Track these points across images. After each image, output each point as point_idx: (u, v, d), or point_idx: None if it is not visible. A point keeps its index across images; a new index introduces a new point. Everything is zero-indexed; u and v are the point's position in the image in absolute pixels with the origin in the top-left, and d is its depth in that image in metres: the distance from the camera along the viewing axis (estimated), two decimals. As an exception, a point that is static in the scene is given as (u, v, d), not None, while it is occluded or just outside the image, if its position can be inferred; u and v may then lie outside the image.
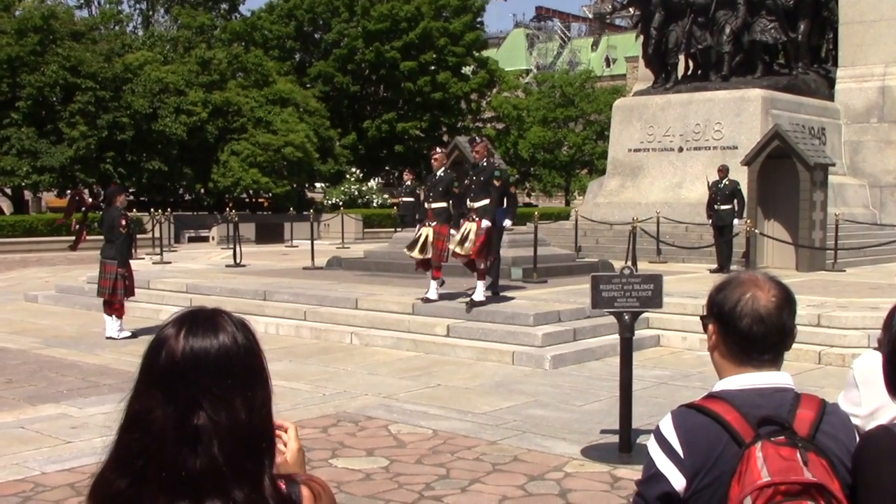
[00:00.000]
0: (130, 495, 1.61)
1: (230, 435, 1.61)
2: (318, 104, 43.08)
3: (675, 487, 2.09)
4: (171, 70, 37.93)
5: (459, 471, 6.82)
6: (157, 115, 35.68)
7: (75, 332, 13.51)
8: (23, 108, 34.13)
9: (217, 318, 1.69)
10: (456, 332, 11.86)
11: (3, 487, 6.38)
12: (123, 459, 1.63)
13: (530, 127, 55.46)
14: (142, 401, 1.63)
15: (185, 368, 1.62)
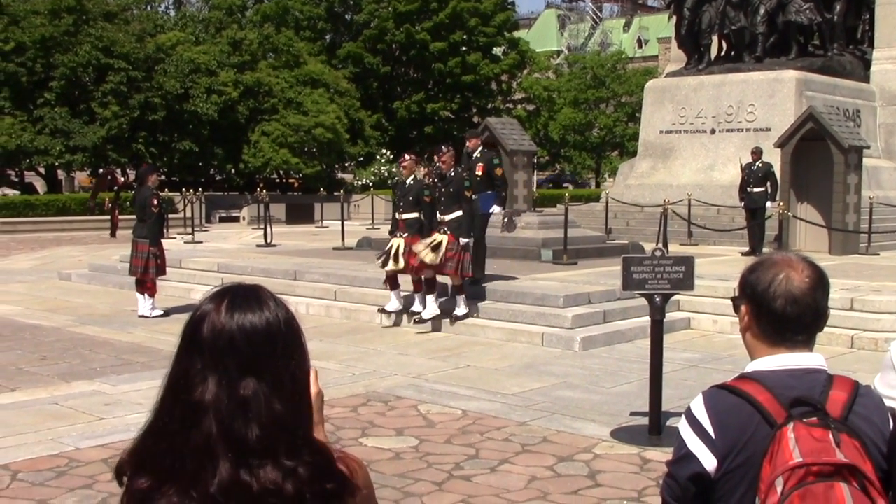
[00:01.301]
0: (172, 461, 1.63)
1: (278, 403, 1.64)
2: (348, 85, 43.09)
3: (706, 468, 2.09)
4: (202, 51, 38.06)
5: (488, 451, 6.85)
6: (188, 96, 35.84)
7: (108, 310, 13.64)
8: (56, 88, 34.39)
9: (257, 292, 1.72)
10: (485, 313, 11.87)
11: (38, 462, 6.48)
12: (165, 426, 1.65)
13: (561, 108, 55.25)
14: (185, 372, 1.65)
15: (228, 340, 1.64)
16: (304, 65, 41.61)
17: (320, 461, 1.67)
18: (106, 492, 5.85)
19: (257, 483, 1.60)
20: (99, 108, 34.34)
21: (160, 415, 1.67)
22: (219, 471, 1.61)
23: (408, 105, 48.25)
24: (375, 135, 43.89)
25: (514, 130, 19.44)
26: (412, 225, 11.82)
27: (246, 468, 1.61)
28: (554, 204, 29.45)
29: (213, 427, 1.61)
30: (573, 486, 6.09)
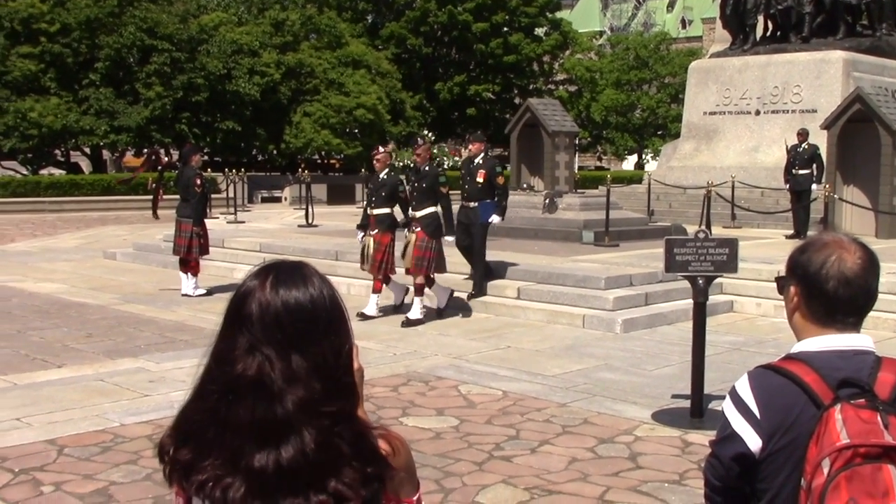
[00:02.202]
0: (215, 436, 1.64)
1: (320, 379, 1.65)
2: (390, 66, 43.07)
3: (751, 448, 2.08)
4: (245, 31, 38.20)
5: (529, 432, 6.85)
6: (231, 76, 36.02)
7: (152, 288, 13.78)
8: (101, 68, 34.72)
9: (302, 268, 1.73)
10: (526, 294, 11.84)
11: (84, 437, 6.57)
12: (209, 403, 1.67)
13: (603, 89, 54.88)
14: (228, 347, 1.67)
15: (273, 316, 1.66)
16: (346, 46, 41.64)
17: (361, 439, 1.68)
18: (150, 467, 5.92)
19: (298, 459, 1.62)
20: (143, 88, 34.63)
21: (203, 389, 1.69)
22: (260, 446, 1.62)
23: (450, 87, 48.14)
24: (416, 115, 43.86)
25: (555, 111, 19.35)
26: (383, 221, 11.31)
27: (287, 444, 1.62)
28: (596, 185, 29.30)
29: (255, 402, 1.63)
30: (614, 468, 6.07)
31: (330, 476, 1.63)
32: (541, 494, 5.60)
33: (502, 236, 16.05)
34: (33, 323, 11.00)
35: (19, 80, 33.99)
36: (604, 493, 5.63)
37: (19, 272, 15.38)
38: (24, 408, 7.31)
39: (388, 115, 39.86)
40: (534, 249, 14.33)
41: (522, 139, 18.72)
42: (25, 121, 32.84)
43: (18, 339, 10.01)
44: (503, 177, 12.18)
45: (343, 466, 1.64)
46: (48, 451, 6.27)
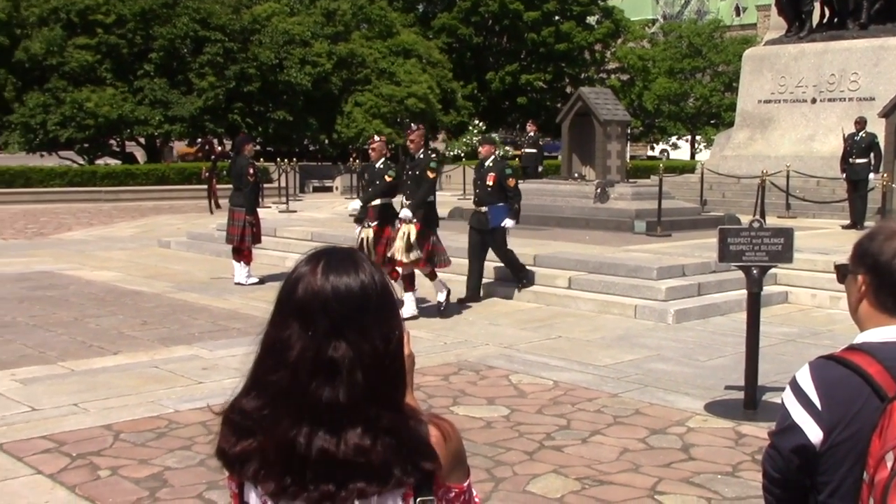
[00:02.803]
0: (266, 421, 1.65)
1: (369, 366, 1.65)
2: (441, 56, 43.03)
3: (812, 440, 2.04)
4: (296, 21, 38.38)
5: (580, 422, 6.82)
6: (282, 67, 36.22)
7: (205, 277, 13.92)
8: (155, 59, 35.09)
9: (353, 255, 1.73)
10: (578, 284, 11.78)
11: (139, 423, 6.67)
12: (260, 387, 1.68)
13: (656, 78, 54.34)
14: (279, 332, 1.67)
15: (324, 301, 1.66)
16: (397, 35, 41.68)
17: (410, 426, 1.67)
18: (204, 453, 5.99)
19: (346, 446, 1.62)
20: (196, 78, 34.96)
21: (254, 376, 1.69)
22: (311, 432, 1.62)
23: (501, 76, 48.00)
24: (467, 105, 43.79)
25: (607, 100, 19.18)
26: (381, 212, 10.96)
27: (336, 431, 1.62)
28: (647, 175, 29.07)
29: (304, 390, 1.63)
30: (666, 459, 6.03)
31: (379, 463, 1.62)
32: (592, 485, 5.58)
33: (553, 226, 16.01)
34: (90, 310, 11.17)
35: (76, 71, 34.48)
36: (656, 484, 5.59)
37: (76, 260, 15.63)
38: (81, 394, 7.43)
39: (439, 105, 39.83)
40: (585, 239, 14.26)
41: (574, 128, 18.59)
42: (82, 111, 33.31)
43: (76, 327, 10.17)
44: (514, 179, 11.88)
45: (392, 453, 1.63)
46: (104, 437, 6.37)
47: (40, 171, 30.94)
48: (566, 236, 14.57)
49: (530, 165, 26.78)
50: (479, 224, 11.80)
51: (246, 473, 1.67)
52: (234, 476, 1.72)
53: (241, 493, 1.72)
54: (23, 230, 21.15)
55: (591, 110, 17.66)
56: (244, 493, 1.71)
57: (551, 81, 49.65)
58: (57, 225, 22.33)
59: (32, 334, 9.74)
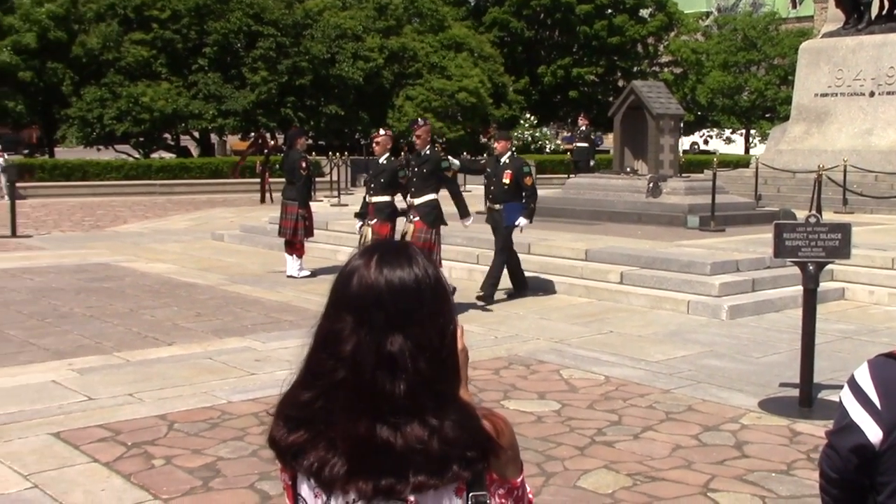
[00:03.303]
0: (321, 414, 1.66)
1: (425, 360, 1.65)
2: (492, 50, 42.95)
3: (871, 439, 2.00)
4: (348, 16, 38.55)
5: (632, 418, 6.77)
6: (334, 61, 36.41)
7: (258, 269, 14.04)
8: (209, 54, 35.46)
9: (406, 249, 1.73)
10: (630, 279, 11.70)
11: (193, 413, 6.74)
12: (315, 382, 1.68)
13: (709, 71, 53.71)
14: (334, 326, 1.68)
15: (378, 295, 1.66)
16: (449, 29, 41.68)
17: (466, 420, 1.67)
18: (256, 444, 6.04)
19: (403, 440, 1.62)
20: (249, 73, 35.26)
21: (308, 371, 1.70)
22: (366, 427, 1.62)
23: (553, 69, 47.78)
24: (519, 99, 43.68)
25: (660, 94, 19.00)
26: (382, 210, 10.69)
27: (392, 425, 1.62)
28: (701, 169, 28.77)
29: (360, 383, 1.63)
30: (719, 457, 5.97)
31: (437, 457, 1.62)
32: (643, 481, 5.54)
33: (605, 221, 15.92)
34: (145, 302, 11.32)
35: (132, 66, 34.96)
36: (708, 482, 5.54)
37: (131, 252, 15.85)
38: (137, 384, 7.53)
39: (491, 99, 39.78)
40: (637, 234, 14.16)
41: (626, 122, 18.44)
42: (138, 105, 33.78)
43: (131, 318, 10.32)
44: (531, 177, 11.54)
45: (449, 447, 1.63)
46: (159, 426, 6.45)
47: (97, 164, 31.40)
48: (618, 231, 14.48)
49: (582, 160, 26.65)
50: (493, 222, 11.52)
51: (300, 465, 1.68)
52: (286, 468, 1.73)
53: (294, 484, 1.72)
54: (80, 223, 21.50)
55: (644, 104, 17.51)
56: (297, 485, 1.72)
57: (603, 75, 49.35)
58: (113, 217, 22.67)
59: (89, 325, 9.90)
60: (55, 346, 8.91)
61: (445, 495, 1.65)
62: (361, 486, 1.63)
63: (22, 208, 20.09)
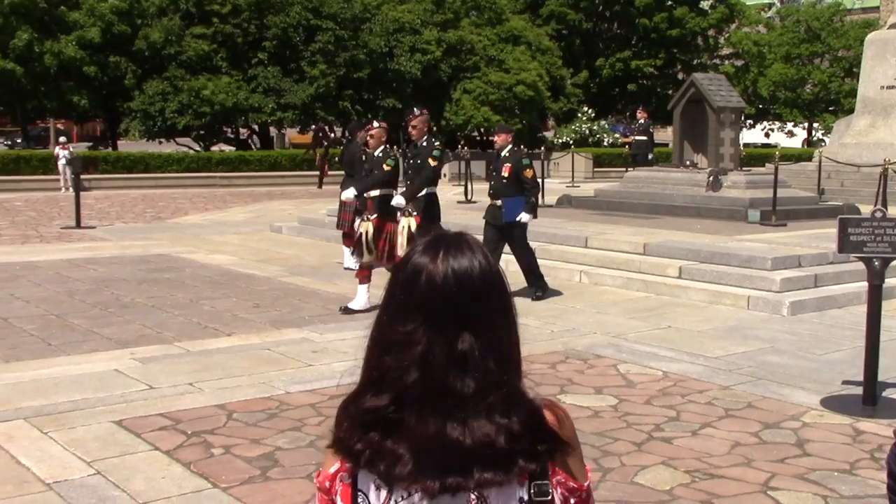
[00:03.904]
0: (389, 414, 1.64)
1: (494, 356, 1.63)
2: (550, 42, 42.78)
3: (941, 439, 1.95)
4: (406, 9, 38.65)
5: (690, 414, 6.70)
6: (392, 54, 36.54)
7: (316, 261, 14.13)
8: (269, 48, 35.80)
9: (466, 241, 1.71)
10: (688, 273, 11.58)
11: (251, 404, 6.81)
12: (383, 381, 1.65)
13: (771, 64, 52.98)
14: (402, 327, 1.65)
15: (448, 292, 1.63)
16: (507, 22, 41.58)
17: (532, 415, 1.65)
18: (314, 434, 6.08)
19: (471, 438, 1.60)
20: (308, 66, 35.53)
21: (375, 369, 1.67)
22: (436, 426, 1.61)
23: (611, 62, 47.46)
24: (577, 92, 43.46)
25: (721, 86, 18.77)
26: (381, 205, 10.17)
27: (461, 423, 1.61)
28: (762, 163, 28.39)
29: (431, 383, 1.61)
30: (779, 455, 5.87)
31: (504, 452, 1.61)
32: (702, 478, 5.48)
33: (663, 214, 15.78)
34: (205, 293, 11.46)
35: (193, 60, 35.41)
36: (769, 480, 5.46)
37: (192, 244, 16.05)
38: (196, 373, 7.62)
39: (548, 92, 39.63)
40: (696, 228, 14.00)
41: (686, 115, 18.25)
42: (199, 99, 34.22)
43: (191, 308, 10.45)
44: (531, 170, 11.04)
45: (514, 444, 1.62)
46: (218, 416, 6.52)
47: (158, 157, 31.86)
48: (676, 225, 14.34)
49: (640, 153, 26.43)
50: (493, 218, 11.13)
51: (362, 461, 1.66)
52: (346, 464, 1.70)
53: (355, 482, 1.70)
54: (142, 214, 21.83)
55: (705, 97, 17.31)
56: (358, 482, 1.69)
57: (662, 68, 48.92)
58: (174, 209, 22.99)
59: (151, 315, 10.04)
60: (118, 335, 9.05)
61: (509, 487, 1.64)
62: (428, 484, 1.61)
63: (86, 200, 20.43)
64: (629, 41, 48.79)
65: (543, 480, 1.66)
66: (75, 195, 19.21)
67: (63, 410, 6.60)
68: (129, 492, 5.15)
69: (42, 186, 28.49)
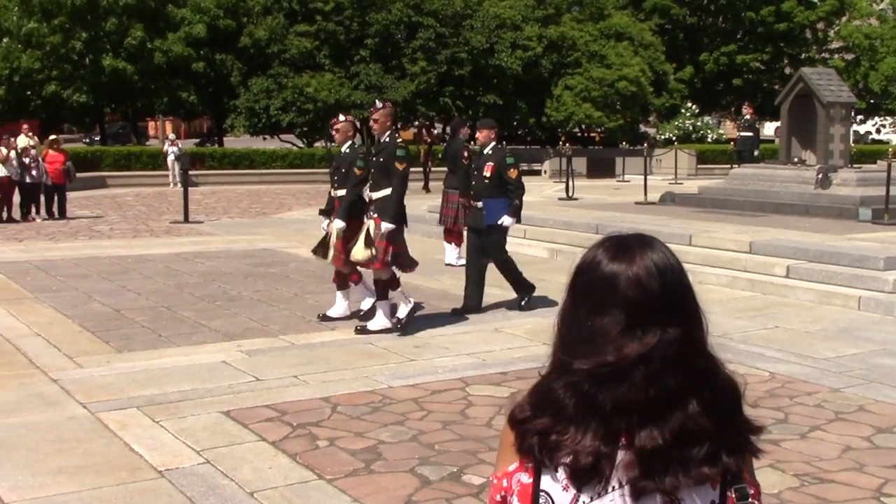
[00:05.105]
0: (583, 413, 1.60)
1: (694, 353, 1.63)
2: (653, 37, 42.21)
3: None
4: (507, 5, 38.57)
5: (799, 416, 6.55)
6: (493, 50, 36.52)
7: (417, 257, 14.07)
8: (370, 45, 36.14)
9: (652, 239, 1.70)
10: (796, 273, 11.31)
11: (355, 397, 6.89)
12: (575, 376, 1.62)
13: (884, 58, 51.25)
14: (595, 322, 1.62)
15: (648, 292, 1.62)
16: (609, 17, 41.18)
17: (736, 417, 1.66)
18: (416, 429, 6.13)
19: (671, 437, 1.58)
20: (409, 63, 35.76)
21: (567, 365, 1.64)
22: (642, 423, 1.59)
23: (716, 56, 46.59)
24: (680, 87, 42.79)
25: (830, 81, 18.28)
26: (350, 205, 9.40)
27: (662, 422, 1.59)
28: (873, 160, 27.56)
29: (632, 379, 1.59)
30: (893, 460, 5.70)
31: (701, 455, 1.59)
32: (811, 482, 5.35)
33: (769, 212, 15.45)
34: (309, 287, 11.64)
35: (296, 58, 35.98)
36: (882, 486, 5.30)
37: (295, 239, 16.32)
38: (301, 366, 7.76)
39: (651, 88, 39.14)
40: (804, 226, 13.68)
41: (793, 111, 17.83)
42: (302, 96, 34.75)
43: (295, 302, 10.62)
44: (516, 169, 10.10)
45: (716, 446, 1.60)
46: (323, 408, 6.62)
47: (263, 153, 32.46)
48: (784, 223, 14.02)
49: (746, 149, 25.93)
50: (475, 222, 10.24)
51: (552, 458, 1.61)
52: (529, 458, 1.65)
53: (537, 481, 1.64)
54: (247, 209, 22.27)
55: (814, 92, 16.88)
56: (541, 482, 1.64)
57: (769, 62, 47.81)
58: (278, 205, 23.40)
59: (256, 308, 10.25)
60: (225, 327, 9.26)
61: (703, 489, 1.61)
62: (626, 483, 1.58)
63: (193, 195, 20.97)
64: (734, 35, 47.81)
65: (741, 484, 1.64)
66: (183, 190, 19.71)
67: (173, 400, 6.79)
68: (238, 481, 5.27)
69: (152, 182, 29.33)
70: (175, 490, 5.15)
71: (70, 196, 21.59)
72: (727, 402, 1.65)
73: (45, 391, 7.04)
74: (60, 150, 21.27)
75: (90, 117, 42.75)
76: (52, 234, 17.47)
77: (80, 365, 7.81)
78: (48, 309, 10.14)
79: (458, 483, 5.29)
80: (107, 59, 35.00)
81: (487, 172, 10.03)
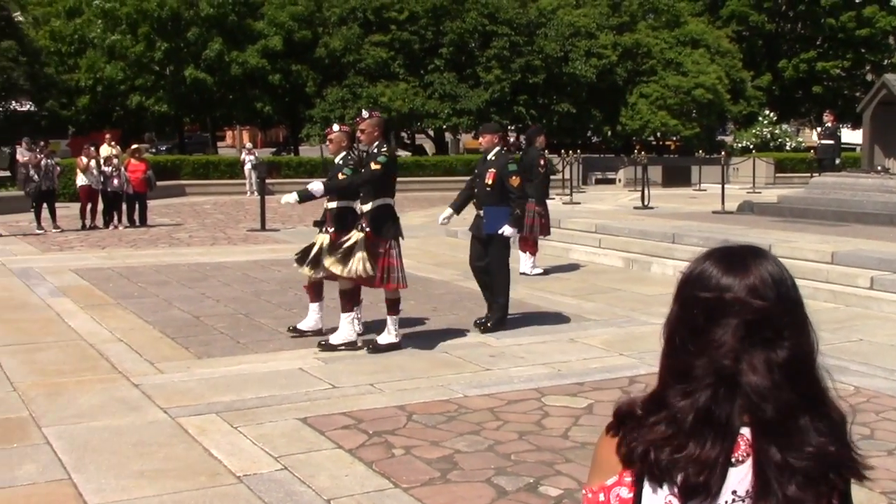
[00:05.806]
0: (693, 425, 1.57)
1: (805, 370, 1.60)
2: (730, 45, 41.68)
3: None
4: (582, 13, 38.44)
5: (885, 432, 6.37)
6: (567, 59, 36.41)
7: (491, 266, 14.17)
8: (445, 54, 36.28)
9: (764, 251, 1.67)
10: (881, 284, 11.02)
11: (430, 406, 6.89)
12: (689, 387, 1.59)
13: (971, 63, 49.93)
14: (716, 333, 1.59)
15: (769, 302, 1.59)
16: (685, 25, 40.77)
17: (841, 426, 1.62)
18: (492, 439, 6.10)
19: (781, 455, 1.55)
20: (483, 72, 35.81)
21: (677, 377, 1.62)
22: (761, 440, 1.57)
23: (795, 64, 45.82)
24: (758, 95, 42.15)
25: (916, 88, 17.84)
26: (338, 217, 9.06)
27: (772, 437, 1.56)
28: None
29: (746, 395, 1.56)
30: None
31: (807, 474, 1.55)
32: (900, 500, 5.19)
33: (851, 222, 15.10)
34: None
35: (371, 67, 36.27)
36: (974, 505, 5.12)
37: (370, 247, 16.39)
38: (377, 374, 7.78)
39: (728, 95, 38.63)
40: (889, 236, 13.33)
41: (876, 118, 17.44)
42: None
43: (371, 310, 10.64)
44: (518, 177, 9.63)
45: (823, 467, 1.57)
46: (398, 416, 6.63)
47: (338, 162, 32.67)
48: (867, 233, 13.69)
49: (827, 157, 25.40)
50: (477, 230, 9.85)
51: (657, 476, 1.58)
52: (629, 478, 1.62)
53: (638, 497, 1.61)
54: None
55: (898, 99, 16.49)
56: (642, 498, 1.60)
57: (850, 69, 46.88)
58: (352, 213, 23.52)
59: (332, 316, 10.30)
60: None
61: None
62: (745, 497, 1.56)
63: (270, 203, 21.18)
64: (814, 42, 46.98)
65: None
66: (260, 199, 19.96)
67: (251, 406, 6.85)
68: (315, 488, 5.29)
69: (229, 190, 29.79)
70: (253, 496, 5.20)
71: (151, 204, 22.05)
72: (838, 420, 1.60)
73: (126, 396, 7.16)
74: (142, 160, 21.76)
75: (170, 126, 43.62)
76: (133, 241, 17.83)
77: (161, 370, 7.94)
78: (130, 315, 10.34)
79: (534, 494, 5.24)
80: (188, 69, 35.70)
81: (489, 179, 9.64)
